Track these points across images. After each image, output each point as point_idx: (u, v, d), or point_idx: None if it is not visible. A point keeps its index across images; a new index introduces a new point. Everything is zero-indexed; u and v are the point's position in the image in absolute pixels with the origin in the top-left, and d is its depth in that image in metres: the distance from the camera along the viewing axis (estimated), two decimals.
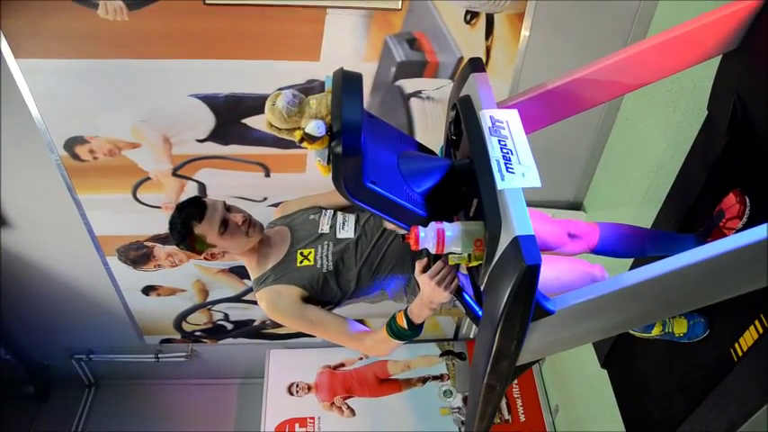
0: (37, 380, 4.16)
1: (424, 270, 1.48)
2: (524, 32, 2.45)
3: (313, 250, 1.78)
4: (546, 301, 1.13)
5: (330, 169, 1.27)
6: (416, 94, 2.64)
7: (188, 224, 1.70)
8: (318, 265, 1.75)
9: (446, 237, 1.23)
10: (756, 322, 1.68)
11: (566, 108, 1.60)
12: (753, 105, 1.63)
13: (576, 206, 3.15)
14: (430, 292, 1.48)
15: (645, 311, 1.29)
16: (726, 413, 1.80)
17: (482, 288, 1.21)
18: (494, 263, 1.14)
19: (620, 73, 1.57)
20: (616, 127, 2.79)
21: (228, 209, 1.76)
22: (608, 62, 1.54)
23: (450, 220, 1.27)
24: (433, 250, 1.24)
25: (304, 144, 1.25)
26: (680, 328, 2.04)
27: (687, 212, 2.03)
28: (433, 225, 1.24)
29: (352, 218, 1.87)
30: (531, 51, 2.51)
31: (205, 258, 1.79)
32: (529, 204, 1.13)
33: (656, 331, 2.12)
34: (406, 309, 1.61)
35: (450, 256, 1.27)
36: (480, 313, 1.31)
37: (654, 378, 2.25)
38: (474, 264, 1.25)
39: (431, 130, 2.72)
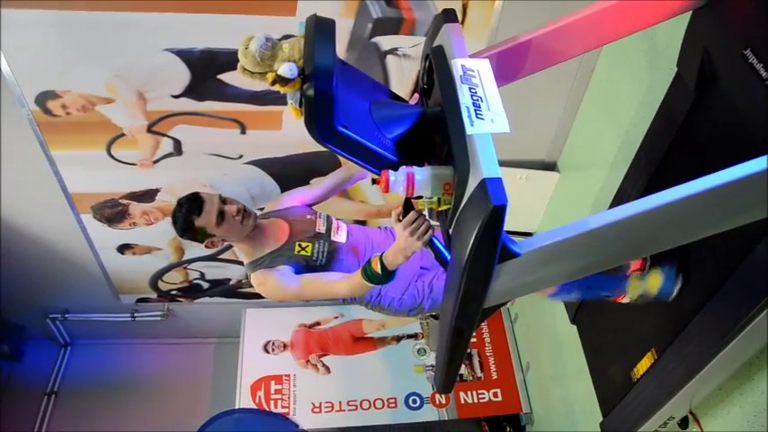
0: (11, 340, 4.13)
1: (400, 219, 1.53)
2: None
3: (311, 245, 1.99)
4: (512, 244, 1.15)
5: (302, 112, 1.29)
6: (393, 51, 2.63)
7: (189, 219, 1.91)
8: (314, 258, 1.97)
9: (416, 180, 1.25)
10: (649, 353, 2.01)
11: (537, 61, 1.60)
12: (720, 61, 1.66)
13: (550, 166, 3.18)
14: (404, 240, 1.54)
15: (612, 253, 1.30)
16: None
17: (450, 232, 1.24)
18: (462, 205, 1.16)
19: (591, 27, 1.58)
20: (590, 87, 2.81)
21: (224, 201, 1.96)
22: (580, 15, 1.54)
23: (421, 166, 1.29)
24: (402, 194, 1.27)
25: (276, 86, 1.26)
26: None
27: (655, 170, 2.07)
28: (403, 169, 1.27)
29: (344, 225, 2.09)
30: (507, 8, 2.50)
31: (206, 246, 2.00)
32: (504, 164, 1.14)
33: None
34: (382, 254, 1.66)
35: (419, 200, 1.29)
36: (449, 258, 1.34)
37: (615, 334, 2.35)
38: (443, 208, 1.28)
39: (407, 86, 2.72)
